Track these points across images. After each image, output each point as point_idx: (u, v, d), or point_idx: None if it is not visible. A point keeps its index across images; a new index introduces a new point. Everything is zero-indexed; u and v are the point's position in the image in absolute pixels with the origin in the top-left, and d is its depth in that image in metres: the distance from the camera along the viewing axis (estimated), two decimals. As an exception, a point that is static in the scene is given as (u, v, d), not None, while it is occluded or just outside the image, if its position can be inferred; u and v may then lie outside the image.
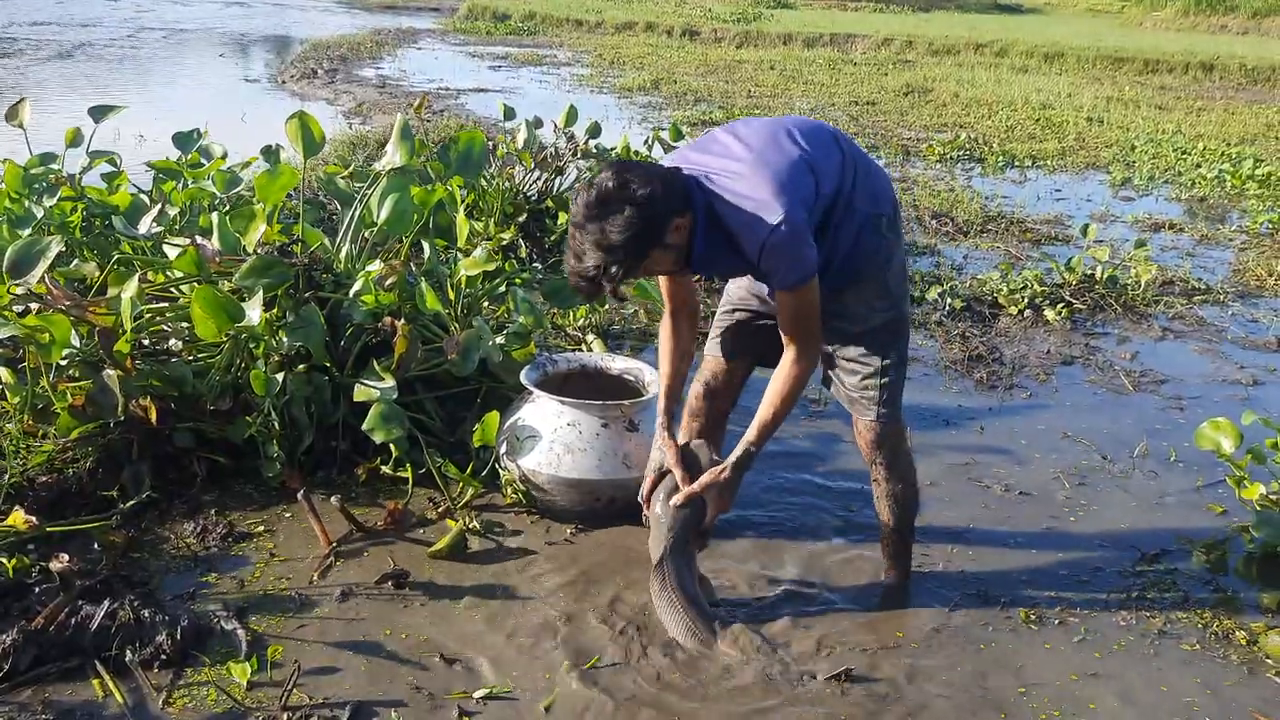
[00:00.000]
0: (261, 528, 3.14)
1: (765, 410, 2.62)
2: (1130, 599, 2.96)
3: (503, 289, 4.06)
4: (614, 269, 2.32)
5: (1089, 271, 5.75)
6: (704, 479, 2.63)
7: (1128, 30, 26.85)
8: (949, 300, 5.36)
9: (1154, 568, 3.13)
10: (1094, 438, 3.97)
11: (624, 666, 2.56)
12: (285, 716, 2.31)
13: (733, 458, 2.64)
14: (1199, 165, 9.64)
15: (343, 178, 4.67)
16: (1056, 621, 2.84)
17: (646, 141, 6.77)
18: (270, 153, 4.94)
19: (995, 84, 15.38)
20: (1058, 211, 7.80)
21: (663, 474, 2.71)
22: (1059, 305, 5.38)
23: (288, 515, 3.21)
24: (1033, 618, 2.85)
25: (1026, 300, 5.39)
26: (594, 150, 6.61)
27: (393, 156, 4.01)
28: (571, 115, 6.59)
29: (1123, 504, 3.50)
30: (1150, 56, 19.08)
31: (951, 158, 9.76)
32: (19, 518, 2.67)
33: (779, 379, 2.61)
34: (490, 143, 5.93)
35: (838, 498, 3.47)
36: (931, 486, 3.54)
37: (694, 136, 6.52)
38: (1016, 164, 9.66)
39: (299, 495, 3.04)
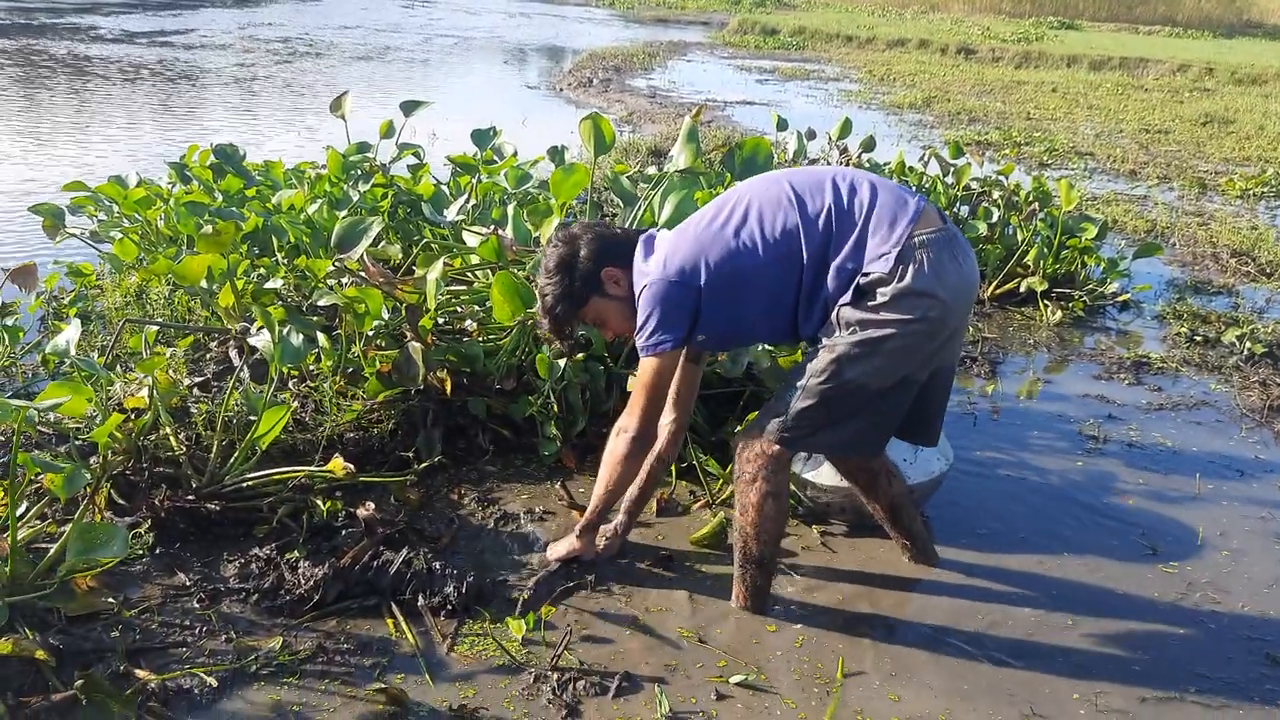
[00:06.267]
0: (539, 501, 3.32)
1: (596, 485, 2.81)
2: None
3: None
4: (555, 310, 2.69)
5: None
6: (557, 547, 2.96)
7: None
8: (1248, 344, 4.96)
9: None
10: None
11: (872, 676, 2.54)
12: (555, 676, 2.44)
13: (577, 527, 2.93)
14: None
15: (627, 178, 4.86)
16: (1363, 699, 2.57)
17: (922, 159, 6.64)
18: (556, 153, 5.21)
19: (1309, 116, 14.04)
20: (1381, 258, 7.03)
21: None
22: (1380, 360, 4.86)
23: (560, 490, 3.37)
24: (1334, 692, 2.60)
25: (1341, 351, 4.91)
26: (866, 164, 6.56)
27: (678, 159, 4.13)
28: (846, 127, 6.58)
29: None
30: None
31: (1255, 194, 8.99)
32: (338, 464, 2.95)
33: (605, 454, 2.75)
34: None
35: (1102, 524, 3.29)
36: (1221, 537, 3.30)
37: (973, 155, 6.34)
38: (1333, 205, 8.79)
39: (559, 485, 3.29)
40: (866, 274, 2.41)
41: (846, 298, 2.45)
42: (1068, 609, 2.89)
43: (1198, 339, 5.13)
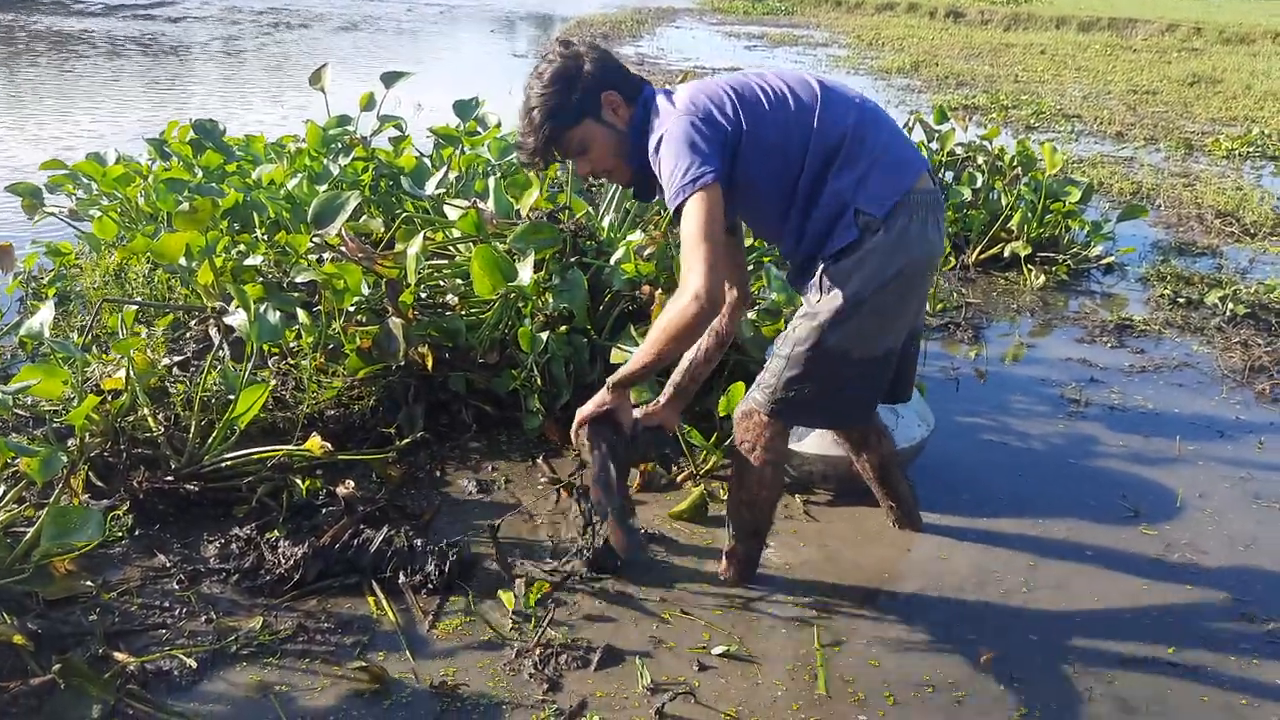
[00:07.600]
0: (523, 476, 3.32)
1: (643, 345, 2.45)
2: None
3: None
4: (544, 127, 2.43)
5: (1401, 285, 5.17)
6: (584, 408, 2.64)
7: None
8: (1230, 305, 4.96)
9: None
10: (1396, 466, 3.59)
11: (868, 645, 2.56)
12: (539, 651, 2.45)
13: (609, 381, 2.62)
14: None
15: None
16: (1338, 657, 2.60)
17: (907, 124, 6.60)
18: (540, 124, 5.16)
19: (1296, 75, 14.01)
20: (1366, 217, 7.03)
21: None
22: (1363, 320, 4.87)
23: (543, 465, 3.38)
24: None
25: (1323, 312, 4.91)
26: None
27: (659, 129, 4.10)
28: (831, 94, 6.51)
29: None
30: None
31: (1240, 154, 8.98)
32: (316, 443, 2.94)
33: (661, 315, 2.36)
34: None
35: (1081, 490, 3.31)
36: (1201, 498, 3.32)
37: (959, 119, 6.32)
38: (1318, 164, 8.78)
39: (541, 460, 3.25)
40: (858, 211, 2.37)
41: (837, 245, 2.39)
42: (1049, 571, 2.91)
43: (1180, 301, 5.14)
